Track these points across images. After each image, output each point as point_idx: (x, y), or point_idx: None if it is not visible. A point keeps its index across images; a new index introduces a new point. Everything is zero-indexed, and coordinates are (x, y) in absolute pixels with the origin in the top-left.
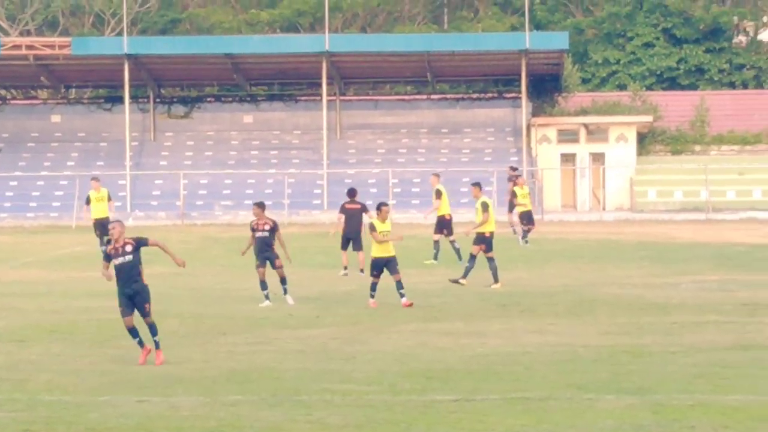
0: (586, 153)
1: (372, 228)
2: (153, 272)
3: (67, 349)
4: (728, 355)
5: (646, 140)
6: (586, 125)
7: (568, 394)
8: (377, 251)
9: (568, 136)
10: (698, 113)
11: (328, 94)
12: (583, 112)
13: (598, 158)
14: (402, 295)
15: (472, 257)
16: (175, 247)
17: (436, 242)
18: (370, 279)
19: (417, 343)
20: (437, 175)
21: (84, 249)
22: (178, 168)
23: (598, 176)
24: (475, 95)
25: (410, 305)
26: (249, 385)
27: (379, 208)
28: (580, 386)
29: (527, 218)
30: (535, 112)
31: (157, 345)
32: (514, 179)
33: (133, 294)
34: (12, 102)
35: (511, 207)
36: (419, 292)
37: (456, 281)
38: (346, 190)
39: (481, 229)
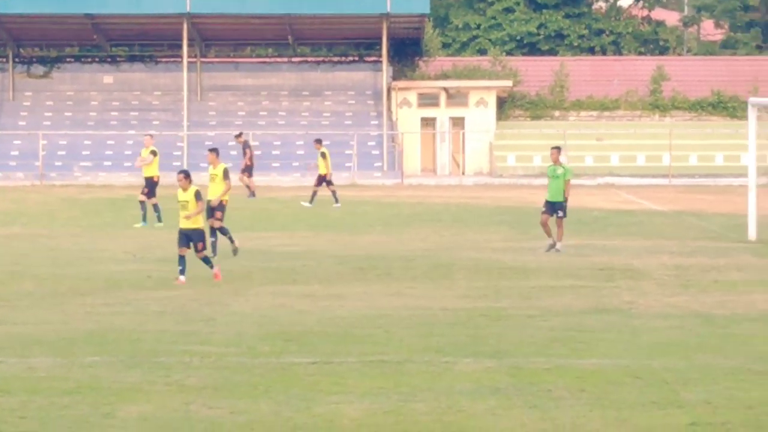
0: (446, 117)
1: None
2: (10, 233)
3: None
4: (584, 319)
5: (505, 105)
6: (446, 89)
7: (426, 357)
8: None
9: (428, 100)
10: (557, 79)
11: (189, 56)
12: (444, 76)
13: (458, 123)
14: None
15: (214, 230)
16: (32, 208)
17: (143, 203)
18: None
19: (276, 305)
20: (151, 136)
21: None
22: (37, 128)
23: (458, 141)
24: (336, 58)
25: (219, 278)
26: (107, 347)
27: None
28: (438, 349)
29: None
30: (396, 76)
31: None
32: (247, 146)
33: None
34: None
35: (247, 170)
36: (277, 255)
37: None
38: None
39: (225, 197)
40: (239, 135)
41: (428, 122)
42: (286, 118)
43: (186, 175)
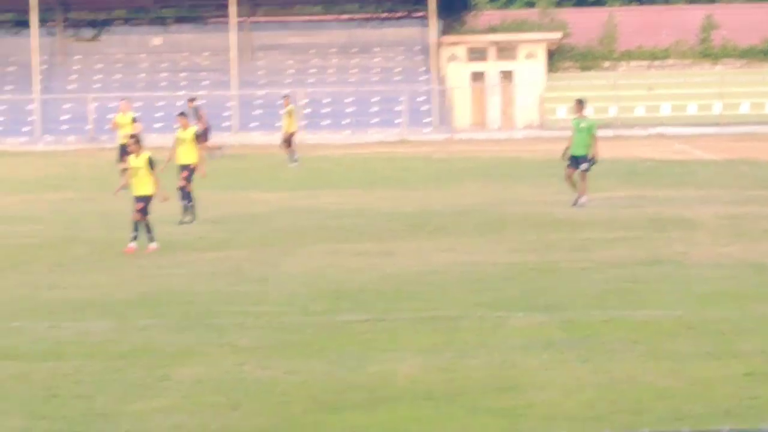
0: (496, 71)
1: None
2: (62, 197)
3: None
4: (637, 271)
5: (555, 57)
6: (495, 43)
7: (478, 313)
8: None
9: (477, 54)
10: (606, 29)
11: (238, 16)
12: (492, 30)
13: (507, 76)
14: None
15: (188, 193)
16: (84, 172)
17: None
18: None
19: (328, 264)
20: (127, 101)
21: None
22: (87, 91)
23: (508, 94)
24: (384, 15)
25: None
26: (160, 309)
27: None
28: (490, 304)
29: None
30: (445, 31)
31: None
32: (200, 110)
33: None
34: None
35: (203, 135)
36: (328, 213)
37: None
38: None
39: (188, 161)
40: (192, 100)
41: (477, 76)
42: (336, 76)
43: (137, 140)
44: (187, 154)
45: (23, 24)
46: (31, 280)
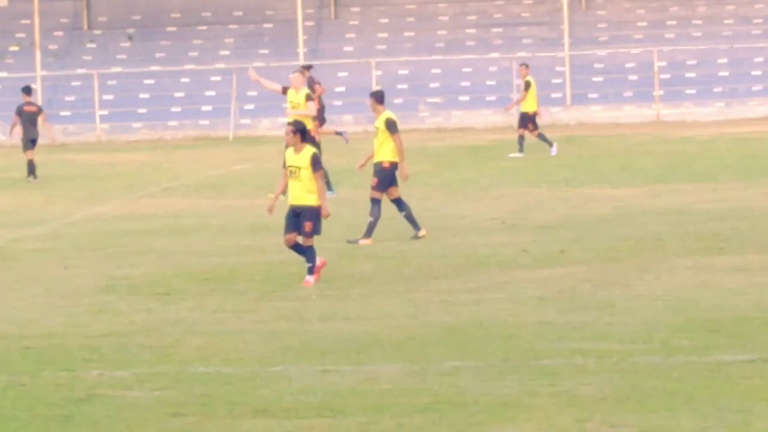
0: None
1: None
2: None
3: (227, 304)
4: None
5: None
6: None
7: None
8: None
9: None
10: None
11: None
12: None
13: None
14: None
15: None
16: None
17: None
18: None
19: (696, 285)
20: (303, 70)
21: (246, 168)
22: (369, 55)
23: None
24: None
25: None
26: (471, 347)
27: None
28: None
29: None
30: None
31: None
32: (314, 83)
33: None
34: None
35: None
36: (696, 215)
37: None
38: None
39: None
40: (308, 68)
41: None
42: (703, 29)
43: (296, 129)
44: (382, 150)
45: None
46: (298, 309)
